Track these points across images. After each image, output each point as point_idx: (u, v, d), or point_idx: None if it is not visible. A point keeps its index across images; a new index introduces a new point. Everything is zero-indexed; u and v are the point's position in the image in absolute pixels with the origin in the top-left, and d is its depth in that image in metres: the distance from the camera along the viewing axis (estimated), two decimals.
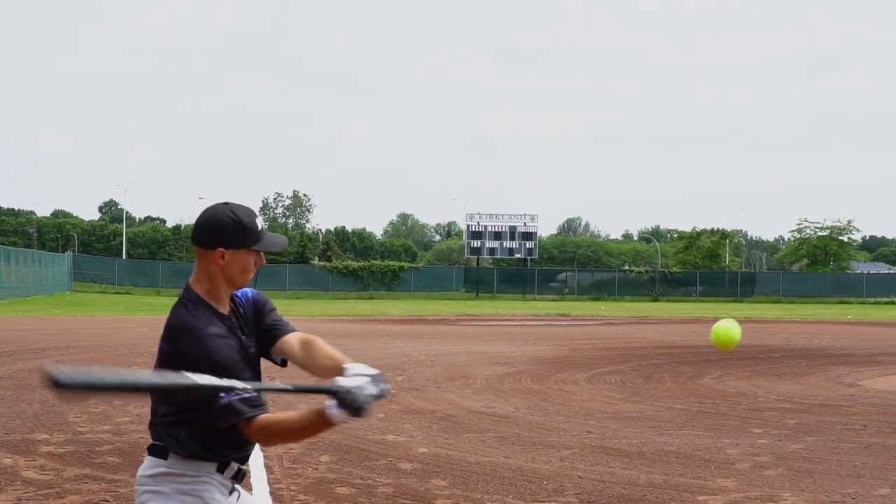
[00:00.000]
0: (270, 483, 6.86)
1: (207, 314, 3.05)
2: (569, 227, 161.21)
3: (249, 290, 3.26)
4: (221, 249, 3.06)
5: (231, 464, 3.12)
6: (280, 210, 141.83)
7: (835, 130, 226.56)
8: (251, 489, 6.25)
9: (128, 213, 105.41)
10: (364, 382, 2.75)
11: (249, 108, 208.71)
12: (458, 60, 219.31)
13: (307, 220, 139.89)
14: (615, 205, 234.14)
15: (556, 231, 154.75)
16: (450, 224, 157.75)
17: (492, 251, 71.91)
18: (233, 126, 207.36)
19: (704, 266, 75.28)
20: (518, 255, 72.38)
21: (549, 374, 14.58)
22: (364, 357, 6.98)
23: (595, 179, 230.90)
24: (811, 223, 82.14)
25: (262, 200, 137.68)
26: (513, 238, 71.25)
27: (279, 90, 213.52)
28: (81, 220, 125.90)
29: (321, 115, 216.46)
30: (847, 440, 9.09)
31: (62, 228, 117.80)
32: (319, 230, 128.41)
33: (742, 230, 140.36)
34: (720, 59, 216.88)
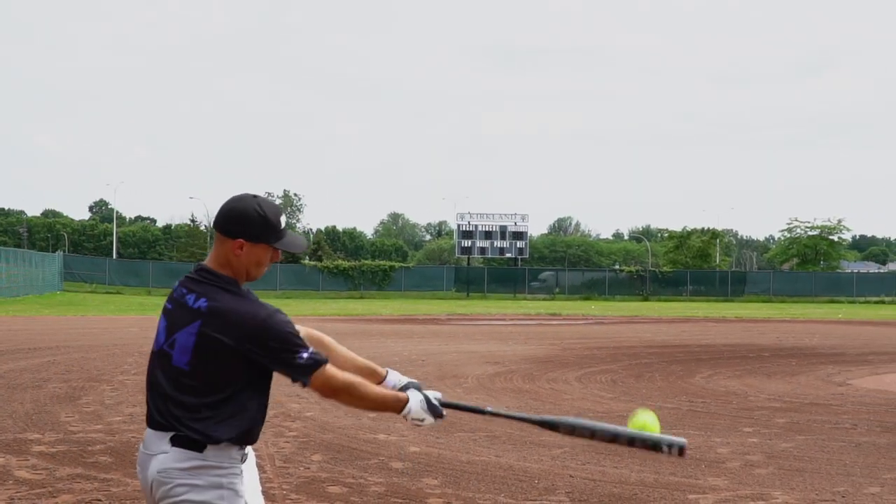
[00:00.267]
0: (262, 482, 6.84)
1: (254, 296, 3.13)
2: (559, 227, 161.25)
3: None
4: (241, 241, 3.07)
5: (246, 448, 3.16)
6: None
7: (825, 130, 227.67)
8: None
9: (118, 213, 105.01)
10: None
11: (240, 109, 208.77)
12: (452, 61, 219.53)
13: (298, 220, 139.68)
14: (606, 204, 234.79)
15: (547, 231, 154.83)
16: (440, 224, 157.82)
17: (482, 251, 71.81)
18: (223, 126, 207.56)
19: (695, 265, 75.47)
20: (509, 255, 72.30)
21: (540, 374, 14.61)
22: None
23: (585, 179, 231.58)
24: (801, 223, 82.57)
25: None
26: (503, 238, 71.15)
27: (269, 90, 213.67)
28: (72, 220, 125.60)
29: (312, 116, 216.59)
30: (837, 439, 9.14)
31: (52, 228, 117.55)
32: (310, 230, 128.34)
33: (732, 229, 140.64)
34: (712, 59, 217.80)
